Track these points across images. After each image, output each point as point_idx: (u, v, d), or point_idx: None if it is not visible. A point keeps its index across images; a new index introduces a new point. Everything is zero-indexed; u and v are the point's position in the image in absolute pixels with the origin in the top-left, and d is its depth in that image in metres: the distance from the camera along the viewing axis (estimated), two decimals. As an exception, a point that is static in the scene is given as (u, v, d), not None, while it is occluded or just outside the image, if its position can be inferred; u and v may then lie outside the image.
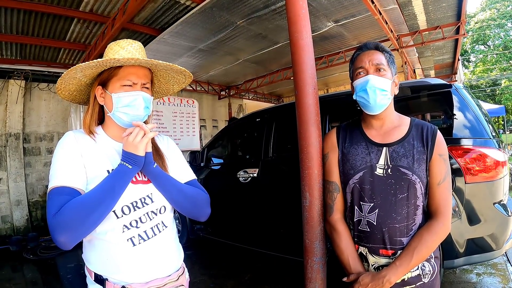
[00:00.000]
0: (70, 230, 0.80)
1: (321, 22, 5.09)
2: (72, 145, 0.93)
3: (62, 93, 1.05)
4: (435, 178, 1.09)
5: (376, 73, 1.13)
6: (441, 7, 5.20)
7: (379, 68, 1.13)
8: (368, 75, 1.14)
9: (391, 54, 1.19)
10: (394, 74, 1.17)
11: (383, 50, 1.17)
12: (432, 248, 1.06)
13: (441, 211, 1.08)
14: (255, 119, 3.53)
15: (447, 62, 8.74)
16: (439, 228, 1.06)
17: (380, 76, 1.13)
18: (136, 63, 0.96)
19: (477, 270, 2.94)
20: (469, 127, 2.12)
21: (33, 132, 5.69)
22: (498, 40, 25.09)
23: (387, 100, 1.14)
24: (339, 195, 1.22)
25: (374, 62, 1.14)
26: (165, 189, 0.99)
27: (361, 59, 1.16)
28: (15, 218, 5.32)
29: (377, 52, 1.16)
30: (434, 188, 1.09)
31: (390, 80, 1.14)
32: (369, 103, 1.13)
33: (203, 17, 4.43)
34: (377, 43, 1.19)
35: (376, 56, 1.15)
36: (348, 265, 1.13)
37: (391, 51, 1.22)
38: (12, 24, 4.32)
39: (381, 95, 1.12)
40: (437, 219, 1.07)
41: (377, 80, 1.12)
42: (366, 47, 1.18)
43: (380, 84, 1.12)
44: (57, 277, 3.51)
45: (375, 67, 1.14)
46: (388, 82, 1.13)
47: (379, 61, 1.14)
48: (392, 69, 1.17)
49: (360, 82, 1.15)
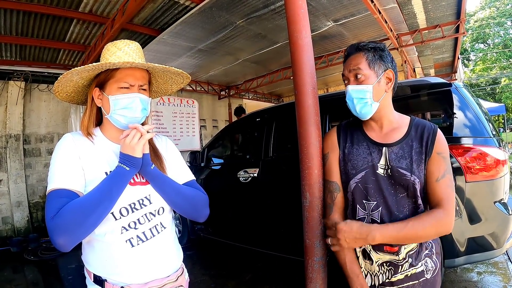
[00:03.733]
0: (69, 232, 0.80)
1: (320, 22, 5.09)
2: (70, 147, 0.93)
3: (59, 95, 1.05)
4: (433, 175, 1.07)
5: (354, 82, 1.12)
6: (440, 5, 5.19)
7: (356, 74, 1.11)
8: (348, 85, 1.14)
9: (378, 50, 1.12)
10: (382, 72, 1.11)
11: (364, 49, 1.12)
12: (428, 231, 1.01)
13: (443, 204, 1.03)
14: (255, 119, 3.52)
15: (447, 60, 8.72)
16: (439, 214, 1.02)
17: (357, 85, 1.11)
18: (132, 66, 0.96)
19: (478, 269, 2.94)
20: (469, 126, 2.11)
21: (33, 133, 5.69)
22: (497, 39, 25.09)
23: (369, 107, 1.12)
24: (339, 194, 1.21)
25: (351, 68, 1.12)
26: (163, 190, 0.99)
27: (344, 67, 1.17)
28: (15, 219, 5.32)
29: (357, 56, 1.12)
30: (433, 184, 1.06)
31: (371, 83, 1.10)
32: (353, 112, 1.16)
33: (203, 17, 4.43)
34: (358, 43, 1.14)
35: (354, 61, 1.12)
36: (345, 265, 1.13)
37: (380, 44, 1.15)
38: (11, 25, 4.31)
39: (360, 103, 1.11)
40: (438, 208, 1.03)
41: (353, 91, 1.11)
42: (348, 52, 1.17)
43: (357, 94, 1.11)
44: (58, 278, 3.51)
45: (353, 74, 1.12)
46: (367, 87, 1.10)
47: (356, 66, 1.11)
48: (376, 69, 1.11)
49: (346, 92, 1.16)
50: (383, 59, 1.13)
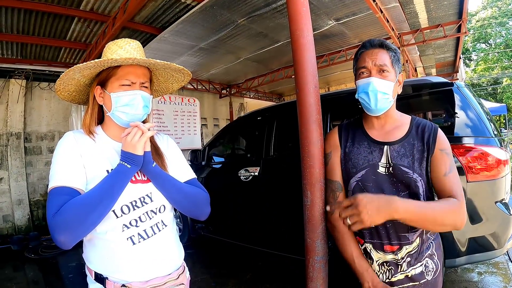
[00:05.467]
0: (70, 229, 0.80)
1: (322, 21, 5.08)
2: (71, 145, 0.93)
3: (61, 94, 1.05)
4: (440, 171, 1.06)
5: (379, 75, 1.09)
6: (442, 5, 5.18)
7: (382, 69, 1.08)
8: (370, 77, 1.09)
9: (397, 52, 1.13)
10: (398, 73, 1.13)
11: (388, 48, 1.11)
12: (446, 217, 0.97)
13: (456, 196, 1.01)
14: (257, 117, 3.52)
15: (448, 60, 8.70)
16: (456, 203, 0.99)
17: (382, 79, 1.08)
18: (134, 63, 0.96)
19: (479, 269, 2.93)
20: (471, 126, 2.11)
21: (34, 131, 5.70)
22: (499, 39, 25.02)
23: (388, 103, 1.11)
24: (341, 194, 1.21)
25: (377, 63, 1.09)
26: (164, 188, 0.99)
27: (364, 58, 1.12)
28: (16, 217, 5.33)
29: (381, 51, 1.10)
30: (441, 179, 1.05)
31: (393, 81, 1.10)
32: (370, 106, 1.11)
33: (204, 15, 4.42)
34: (382, 40, 1.13)
35: (380, 56, 1.09)
36: (352, 261, 1.12)
37: (397, 47, 1.16)
38: (12, 24, 4.32)
39: (382, 98, 1.09)
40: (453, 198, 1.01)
41: (379, 83, 1.08)
42: (371, 44, 1.12)
43: (382, 87, 1.08)
44: (59, 276, 3.52)
45: (378, 68, 1.09)
46: (391, 84, 1.09)
47: (382, 62, 1.08)
48: (396, 68, 1.11)
49: (362, 83, 1.12)
50: (399, 61, 1.15)
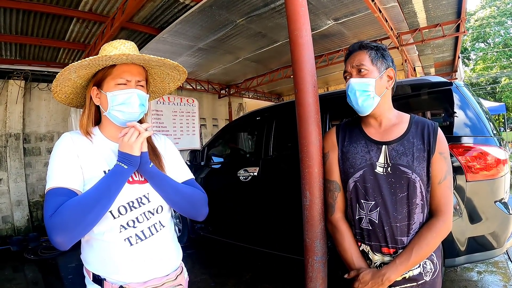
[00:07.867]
0: (67, 230, 0.80)
1: (320, 20, 5.08)
2: (68, 146, 0.93)
3: (58, 96, 1.04)
4: (435, 177, 1.09)
5: (357, 76, 1.14)
6: (441, 4, 5.18)
7: (359, 69, 1.14)
8: (351, 78, 1.15)
9: (380, 49, 1.16)
10: (384, 69, 1.14)
11: (367, 47, 1.15)
12: (433, 246, 1.06)
13: (442, 209, 1.08)
14: (255, 117, 3.52)
15: (447, 60, 8.71)
16: (439, 226, 1.06)
17: (360, 77, 1.13)
18: (128, 59, 0.96)
19: (478, 268, 2.94)
20: (470, 125, 2.11)
21: (33, 132, 5.69)
22: (498, 38, 25.08)
23: (372, 100, 1.13)
24: (340, 194, 1.21)
25: (354, 64, 1.15)
26: (161, 188, 0.99)
27: (347, 63, 1.19)
28: (15, 218, 5.32)
29: (359, 53, 1.15)
30: (435, 187, 1.09)
31: (374, 78, 1.12)
32: (354, 106, 1.17)
33: (203, 15, 4.42)
34: (361, 42, 1.18)
35: (357, 57, 1.15)
36: (352, 263, 1.13)
37: (382, 44, 1.19)
38: (11, 24, 4.30)
39: (362, 96, 1.12)
40: (437, 218, 1.07)
41: (356, 82, 1.13)
42: (350, 49, 1.20)
43: (360, 86, 1.13)
44: (58, 277, 3.51)
45: (356, 69, 1.15)
46: (370, 81, 1.12)
47: (359, 62, 1.14)
48: (379, 65, 1.14)
49: (346, 87, 1.18)
50: (385, 58, 1.16)
